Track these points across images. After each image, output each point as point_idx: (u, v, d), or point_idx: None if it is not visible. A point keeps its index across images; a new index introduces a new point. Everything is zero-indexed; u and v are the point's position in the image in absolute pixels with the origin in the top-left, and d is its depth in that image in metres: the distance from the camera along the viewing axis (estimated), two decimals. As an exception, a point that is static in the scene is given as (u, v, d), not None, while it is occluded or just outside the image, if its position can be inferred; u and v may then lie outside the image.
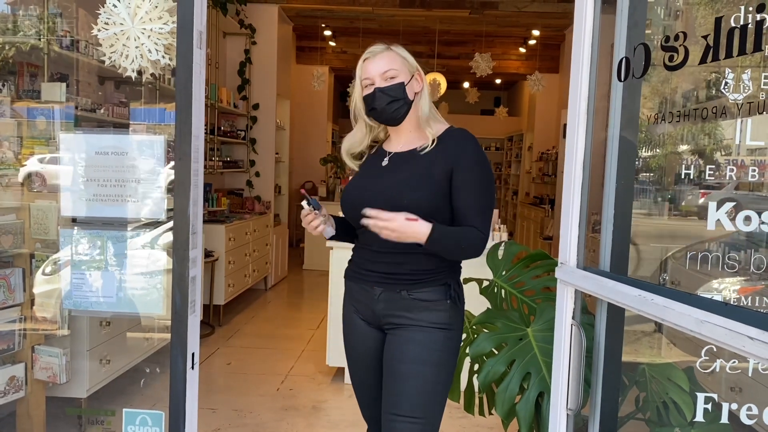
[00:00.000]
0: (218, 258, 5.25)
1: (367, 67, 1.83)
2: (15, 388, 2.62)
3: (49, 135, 2.55)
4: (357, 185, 1.90)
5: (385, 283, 1.82)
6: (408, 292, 1.80)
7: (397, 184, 1.78)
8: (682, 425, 1.73)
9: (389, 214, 1.67)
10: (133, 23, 1.71)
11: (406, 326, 1.80)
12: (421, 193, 1.74)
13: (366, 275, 1.86)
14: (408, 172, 1.80)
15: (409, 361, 1.79)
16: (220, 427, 3.30)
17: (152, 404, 2.49)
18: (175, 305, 1.66)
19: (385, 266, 1.82)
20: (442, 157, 1.78)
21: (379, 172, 1.86)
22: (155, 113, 2.00)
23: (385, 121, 1.86)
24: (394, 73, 1.81)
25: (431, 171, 1.76)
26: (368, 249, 1.85)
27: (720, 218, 1.42)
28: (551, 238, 7.74)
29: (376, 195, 1.79)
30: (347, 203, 1.89)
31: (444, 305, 1.82)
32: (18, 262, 2.64)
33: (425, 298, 1.80)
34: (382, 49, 1.84)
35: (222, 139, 6.20)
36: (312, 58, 9.48)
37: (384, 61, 1.82)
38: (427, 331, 1.79)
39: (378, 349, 1.89)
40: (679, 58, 1.28)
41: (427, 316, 1.80)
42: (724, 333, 1.08)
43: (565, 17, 7.01)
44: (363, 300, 1.88)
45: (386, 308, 1.83)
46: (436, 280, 1.81)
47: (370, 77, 1.82)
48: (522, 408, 1.96)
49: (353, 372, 2.01)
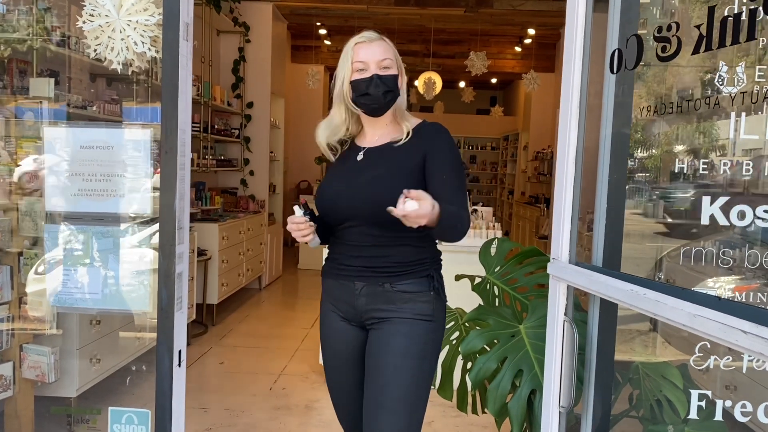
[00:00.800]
0: (211, 257, 5.22)
1: (362, 51, 1.79)
2: (2, 388, 2.58)
3: (38, 133, 2.52)
4: (332, 183, 1.86)
5: (367, 277, 1.79)
6: (391, 284, 1.77)
7: (375, 179, 1.76)
8: (676, 423, 1.71)
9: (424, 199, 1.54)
10: (119, 15, 1.68)
11: (389, 319, 1.77)
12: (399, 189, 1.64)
13: (346, 269, 1.82)
14: (384, 167, 1.78)
15: (392, 353, 1.75)
16: (212, 427, 3.27)
17: (143, 403, 2.46)
18: (161, 302, 1.63)
19: (366, 260, 1.78)
20: (416, 148, 1.77)
21: (354, 168, 1.83)
22: (147, 112, 1.98)
23: (372, 110, 1.81)
24: (389, 63, 1.79)
25: (407, 164, 1.76)
26: (347, 244, 1.82)
27: (714, 213, 1.40)
28: (547, 237, 7.73)
29: (354, 192, 1.77)
30: (324, 202, 1.85)
31: (427, 296, 1.79)
32: (6, 260, 2.60)
33: (409, 290, 1.77)
34: (377, 36, 1.82)
35: (216, 137, 6.16)
36: (307, 56, 9.46)
37: (381, 49, 1.79)
38: (411, 323, 1.77)
39: (360, 348, 1.85)
40: (671, 48, 1.26)
41: (411, 308, 1.77)
42: (717, 327, 1.06)
43: (560, 16, 7.00)
44: (343, 297, 1.84)
45: (368, 303, 1.79)
46: (419, 272, 1.79)
47: (364, 62, 1.78)
48: (514, 406, 1.94)
49: (333, 377, 1.94)
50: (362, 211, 1.75)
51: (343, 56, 1.83)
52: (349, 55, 1.81)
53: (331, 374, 1.94)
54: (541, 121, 9.47)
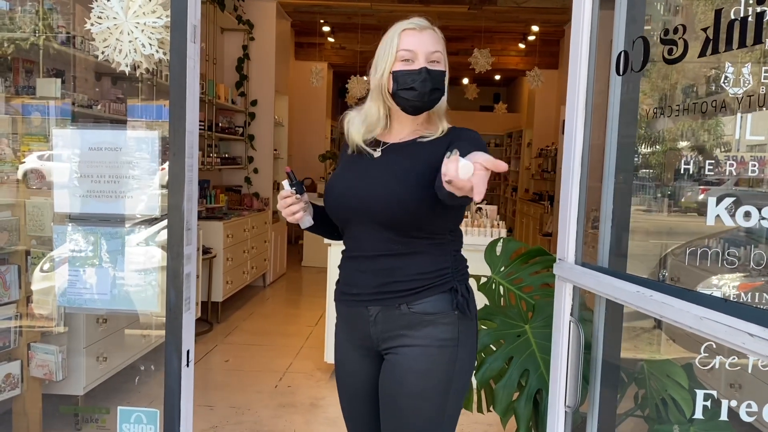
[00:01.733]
0: (216, 255, 5.24)
1: (411, 39, 1.55)
2: (11, 386, 2.60)
3: (45, 131, 2.54)
4: (343, 178, 1.65)
5: (381, 300, 1.56)
6: (408, 305, 1.54)
7: (392, 175, 1.54)
8: (681, 422, 1.72)
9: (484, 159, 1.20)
10: (127, 17, 1.69)
11: (406, 347, 1.55)
12: (422, 191, 1.49)
13: (358, 294, 1.60)
14: (404, 163, 1.55)
15: (407, 395, 1.54)
16: (218, 425, 3.29)
17: (149, 402, 2.48)
18: (170, 302, 1.64)
19: (379, 276, 1.56)
20: (443, 146, 1.54)
21: (370, 163, 1.61)
22: (152, 110, 1.98)
23: (413, 107, 1.57)
24: (439, 57, 1.57)
25: (431, 161, 1.49)
26: (356, 257, 1.61)
27: (720, 214, 1.41)
28: (551, 234, 7.73)
29: (366, 188, 1.56)
30: (332, 199, 1.64)
31: (450, 317, 1.55)
32: (13, 259, 2.62)
33: (428, 311, 1.54)
34: (428, 25, 1.60)
35: (220, 135, 6.18)
36: (310, 54, 9.46)
37: (433, 40, 1.57)
38: (430, 353, 1.54)
39: (375, 377, 1.65)
40: (678, 51, 1.27)
41: (431, 332, 1.54)
42: (724, 330, 1.07)
43: (564, 12, 6.99)
44: (357, 324, 1.63)
45: (384, 330, 1.58)
46: (440, 286, 1.56)
47: (412, 51, 1.55)
48: (520, 405, 1.95)
49: (347, 405, 1.74)
50: (374, 210, 1.53)
51: (385, 42, 1.59)
52: (394, 41, 1.56)
53: (346, 404, 1.75)
54: (544, 117, 9.46)
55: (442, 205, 1.42)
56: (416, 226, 1.52)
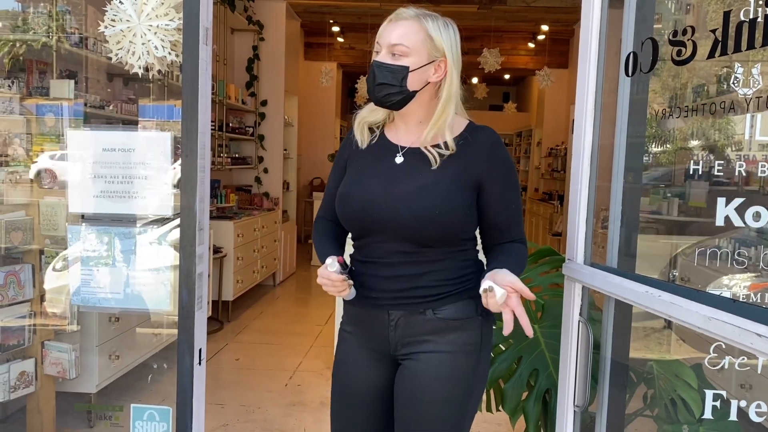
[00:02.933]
0: (227, 254, 5.27)
1: (381, 30, 1.49)
2: (25, 383, 2.64)
3: (59, 132, 2.57)
4: (361, 186, 1.53)
5: (404, 304, 1.49)
6: (433, 310, 1.48)
7: (421, 190, 1.46)
8: (691, 422, 1.72)
9: (515, 284, 1.33)
10: (140, 20, 1.71)
11: (430, 353, 1.49)
12: (452, 205, 1.44)
13: (377, 299, 1.51)
14: (431, 176, 1.47)
15: (433, 402, 1.49)
16: (228, 423, 3.31)
17: (161, 400, 2.51)
18: (182, 301, 1.66)
19: (402, 281, 1.48)
20: (468, 161, 1.47)
21: (392, 170, 1.51)
22: (163, 110, 2.01)
23: (375, 103, 1.51)
24: (403, 50, 1.45)
25: (458, 176, 1.46)
26: (377, 262, 1.51)
27: (729, 214, 1.41)
28: (560, 234, 7.72)
29: (392, 201, 1.46)
30: (352, 210, 1.52)
31: (476, 322, 1.51)
32: (27, 258, 2.65)
33: (454, 316, 1.48)
34: (410, 15, 1.47)
35: (230, 135, 6.21)
36: (320, 54, 9.48)
37: (401, 31, 1.45)
38: (456, 359, 1.49)
39: (387, 387, 1.57)
40: (687, 52, 1.27)
41: (457, 338, 1.49)
42: (732, 330, 1.07)
43: (574, 12, 6.97)
44: (374, 328, 1.54)
45: (406, 334, 1.51)
46: (464, 291, 1.50)
47: (379, 42, 1.48)
48: (529, 405, 1.96)
49: (344, 415, 1.62)
50: (400, 225, 1.45)
51: None
52: None
53: (342, 412, 1.62)
54: (554, 117, 9.43)
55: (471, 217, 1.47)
56: (443, 239, 1.46)
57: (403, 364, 1.53)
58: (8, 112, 2.67)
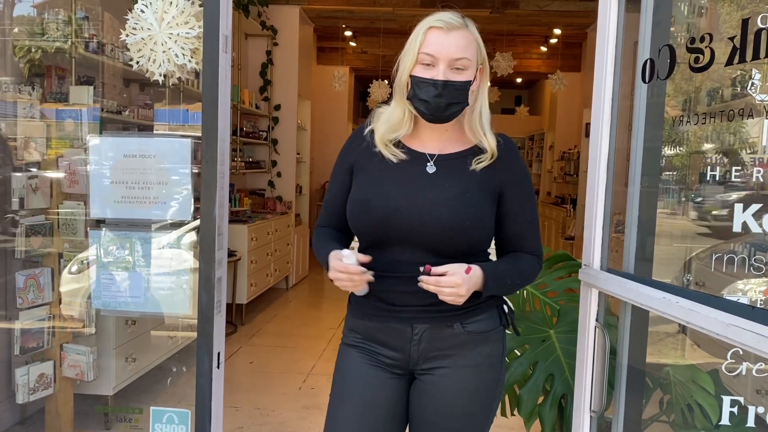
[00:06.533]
0: (241, 257, 5.30)
1: (434, 41, 1.38)
2: (44, 386, 2.67)
3: (77, 136, 2.60)
4: (385, 192, 1.44)
5: (430, 318, 1.43)
6: (462, 324, 1.44)
7: (453, 200, 1.41)
8: (708, 428, 1.71)
9: (453, 273, 1.33)
10: (160, 28, 1.74)
11: (452, 369, 1.45)
12: (482, 214, 1.42)
13: (399, 312, 1.45)
14: (461, 186, 1.43)
15: (458, 417, 1.46)
16: (243, 425, 3.33)
17: (177, 402, 2.52)
18: (201, 305, 1.69)
19: (424, 296, 1.39)
20: (493, 171, 1.45)
21: (419, 180, 1.45)
22: (179, 114, 2.03)
23: (429, 119, 1.43)
24: (466, 64, 1.39)
25: (485, 185, 1.44)
26: (399, 277, 1.42)
27: (746, 220, 1.41)
28: (573, 238, 7.69)
29: (418, 211, 1.40)
30: (372, 217, 1.43)
31: (499, 333, 1.50)
32: (47, 261, 2.69)
33: (482, 329, 1.46)
34: (461, 23, 1.40)
35: (244, 140, 6.25)
36: (333, 58, 9.51)
37: (460, 44, 1.38)
38: (481, 371, 1.46)
39: (400, 403, 1.51)
40: (705, 59, 1.27)
41: (483, 351, 1.46)
42: (751, 336, 1.08)
43: (586, 16, 6.96)
44: (391, 342, 1.48)
45: (429, 348, 1.45)
46: (489, 303, 1.48)
47: (434, 55, 1.38)
48: (545, 410, 1.96)
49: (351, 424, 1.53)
50: (426, 235, 1.40)
51: (410, 39, 1.43)
52: (418, 40, 1.40)
53: (348, 426, 1.54)
54: (566, 120, 9.41)
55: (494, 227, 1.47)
56: (468, 249, 1.43)
57: (420, 379, 1.49)
58: (29, 117, 2.71)
